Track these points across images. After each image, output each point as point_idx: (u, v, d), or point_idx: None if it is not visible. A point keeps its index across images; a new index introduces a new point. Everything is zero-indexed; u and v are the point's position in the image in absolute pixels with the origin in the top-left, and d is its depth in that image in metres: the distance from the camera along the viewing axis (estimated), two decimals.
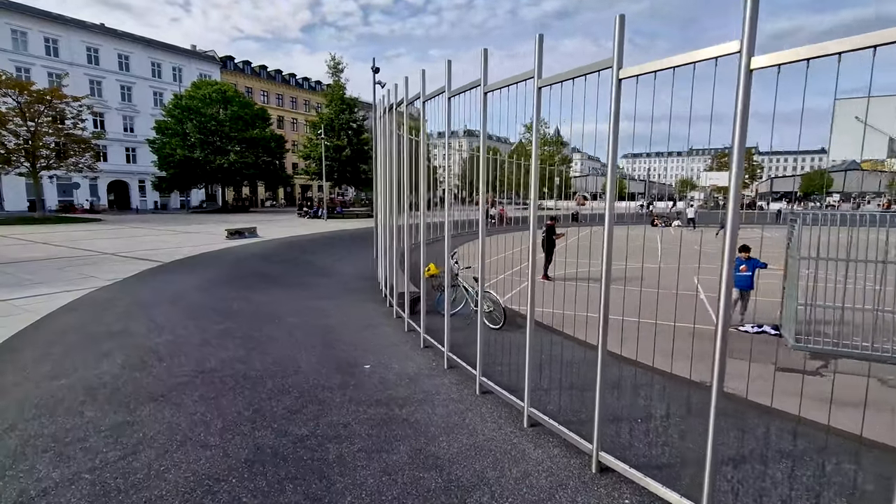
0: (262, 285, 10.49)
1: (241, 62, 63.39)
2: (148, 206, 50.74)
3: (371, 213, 39.81)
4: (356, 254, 16.59)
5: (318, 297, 9.65)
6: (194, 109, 40.85)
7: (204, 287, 9.80)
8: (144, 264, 12.85)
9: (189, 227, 27.26)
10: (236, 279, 11.08)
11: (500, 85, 4.68)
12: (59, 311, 7.77)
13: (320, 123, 38.24)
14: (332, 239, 21.59)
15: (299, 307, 8.69)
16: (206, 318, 7.37)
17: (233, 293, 9.41)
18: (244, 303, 8.61)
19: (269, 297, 9.30)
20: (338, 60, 39.27)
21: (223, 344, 6.11)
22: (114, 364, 5.32)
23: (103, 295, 8.94)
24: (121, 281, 10.41)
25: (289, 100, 68.64)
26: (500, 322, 7.54)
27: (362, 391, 5.00)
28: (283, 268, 13.26)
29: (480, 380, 5.12)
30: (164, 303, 8.24)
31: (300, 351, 6.15)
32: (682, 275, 11.54)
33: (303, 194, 70.30)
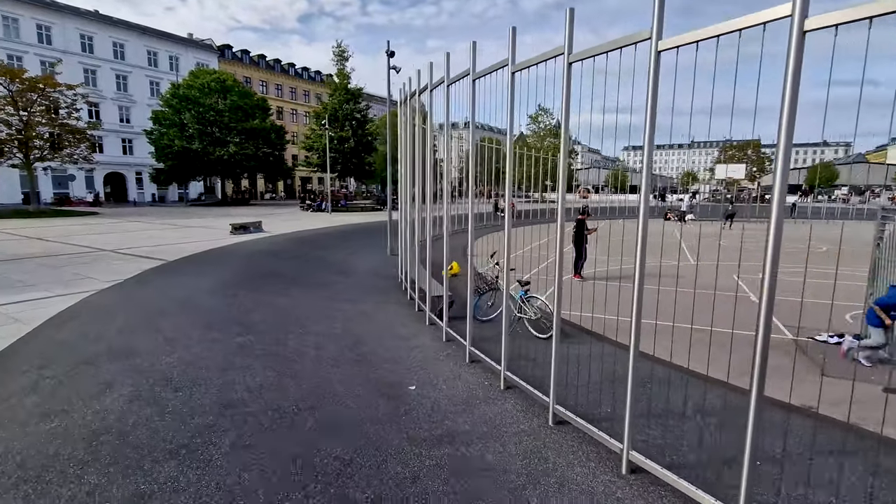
0: (277, 286, 9.66)
1: (239, 51, 61.96)
2: (145, 198, 49.67)
3: (376, 207, 39.12)
4: (369, 249, 15.76)
5: (340, 299, 8.83)
6: (192, 99, 39.68)
7: (215, 289, 8.97)
8: (147, 263, 11.99)
9: (189, 220, 26.35)
10: (249, 279, 10.24)
11: (528, 63, 4.35)
12: (53, 321, 6.93)
13: (324, 113, 37.13)
14: (341, 234, 20.73)
15: (321, 312, 7.87)
16: (222, 328, 6.56)
17: (247, 296, 8.59)
18: (261, 308, 7.78)
19: (287, 300, 8.48)
20: (343, 48, 38.09)
21: (247, 364, 5.30)
22: (119, 397, 4.48)
23: (103, 300, 8.11)
24: (122, 283, 9.57)
25: (288, 90, 67.29)
26: (549, 331, 6.74)
27: (416, 423, 4.22)
28: (297, 265, 12.42)
29: (555, 409, 4.33)
30: (173, 310, 7.42)
31: (334, 370, 5.35)
32: (714, 272, 10.72)
33: (303, 187, 69.22)
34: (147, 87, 49.92)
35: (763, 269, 2.70)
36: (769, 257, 2.70)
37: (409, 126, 10.84)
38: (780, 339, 6.67)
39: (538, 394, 4.65)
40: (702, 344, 4.62)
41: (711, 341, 4.57)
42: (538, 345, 6.44)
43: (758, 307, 2.78)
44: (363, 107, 41.27)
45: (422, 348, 6.38)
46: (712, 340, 4.75)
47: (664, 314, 5.12)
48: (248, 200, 52.27)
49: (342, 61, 38.41)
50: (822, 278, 10.34)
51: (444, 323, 6.76)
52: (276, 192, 65.51)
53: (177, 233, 19.66)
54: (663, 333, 5.23)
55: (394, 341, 6.60)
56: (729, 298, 7.31)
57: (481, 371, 5.60)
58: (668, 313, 5.12)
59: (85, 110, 38.98)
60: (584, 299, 7.34)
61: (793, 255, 12.63)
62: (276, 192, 65.38)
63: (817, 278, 10.17)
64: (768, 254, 2.70)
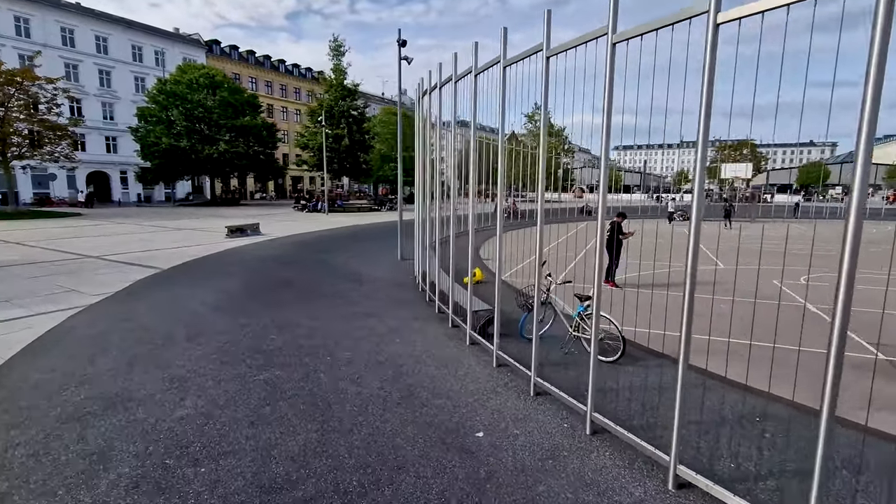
0: (290, 299, 8.63)
1: (227, 47, 60.25)
2: (130, 198, 47.86)
3: (373, 207, 38.04)
4: (377, 253, 14.77)
5: (362, 314, 7.86)
6: (180, 95, 38.14)
7: (221, 305, 7.91)
8: (138, 271, 10.87)
9: (180, 222, 25.03)
10: (256, 291, 9.19)
11: (566, 47, 4.10)
12: (28, 352, 5.78)
13: (319, 111, 35.84)
14: (344, 236, 19.68)
15: (346, 331, 6.90)
16: (240, 360, 5.54)
17: (259, 313, 7.57)
18: (278, 328, 6.76)
19: (305, 318, 7.47)
20: (339, 42, 36.82)
21: (280, 415, 4.27)
22: (117, 483, 3.24)
23: (88, 322, 6.98)
24: (112, 297, 8.47)
25: (278, 87, 65.71)
26: (617, 353, 5.85)
27: (508, 492, 3.29)
28: (306, 273, 11.38)
29: (677, 470, 3.44)
30: (176, 335, 6.36)
31: (384, 415, 4.40)
32: (745, 277, 9.95)
33: (294, 186, 67.69)
34: (132, 82, 48.13)
35: (839, 276, 2.51)
36: (846, 263, 2.50)
37: (427, 123, 10.12)
38: (861, 359, 5.87)
39: (643, 444, 3.76)
40: (768, 361, 3.77)
41: (768, 355, 3.72)
42: (612, 372, 5.53)
43: (832, 319, 2.55)
44: (360, 104, 40.07)
45: (472, 377, 5.46)
46: (772, 354, 3.91)
47: (716, 328, 4.27)
48: (239, 200, 50.73)
49: (338, 56, 37.16)
50: (878, 284, 9.58)
51: (495, 347, 5.83)
52: (266, 191, 63.93)
53: (168, 236, 18.44)
54: (723, 350, 4.38)
55: (437, 368, 5.67)
56: (781, 308, 6.46)
57: (553, 407, 4.70)
58: (721, 328, 4.26)
59: (66, 106, 37.26)
60: (631, 311, 6.48)
61: (832, 259, 11.82)
62: (266, 192, 63.80)
63: (874, 284, 9.44)
64: (845, 260, 2.51)
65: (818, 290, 9.22)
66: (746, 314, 4.25)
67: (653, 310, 6.31)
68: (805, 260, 14.37)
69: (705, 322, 6.19)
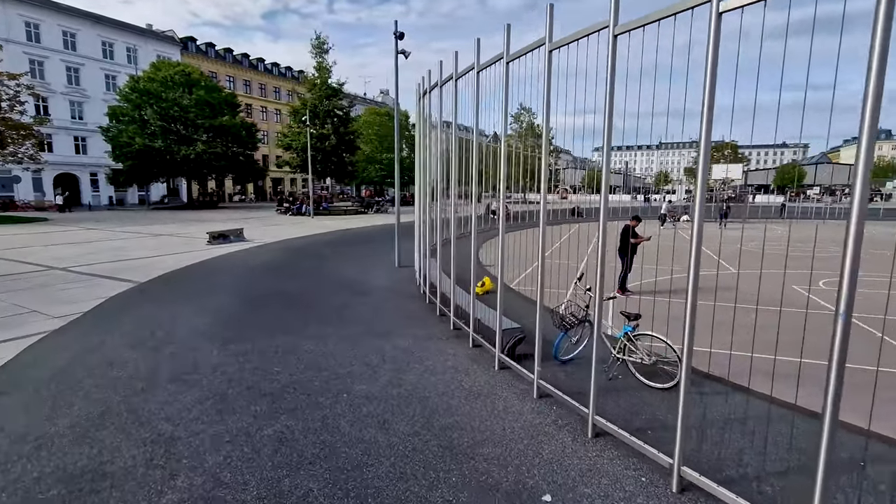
0: (289, 317, 7.69)
1: (203, 44, 58.23)
2: (102, 201, 45.61)
3: (360, 210, 36.96)
4: (373, 260, 13.87)
5: (371, 333, 7.01)
6: (154, 93, 36.37)
7: (212, 330, 6.88)
8: (112, 286, 9.76)
9: (156, 227, 23.59)
10: (251, 309, 8.18)
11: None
12: None
13: (303, 110, 34.53)
14: (335, 242, 18.67)
15: (358, 356, 6.03)
16: (242, 408, 4.53)
17: (258, 337, 6.61)
18: (282, 358, 5.81)
19: (309, 340, 6.57)
20: (322, 39, 35.58)
21: (303, 492, 3.31)
22: None
23: (49, 356, 5.86)
24: (79, 320, 7.39)
25: (257, 86, 63.88)
26: (674, 378, 5.15)
27: None
28: (302, 285, 10.41)
29: None
30: (160, 374, 5.32)
31: (426, 472, 3.59)
32: (760, 281, 9.44)
33: (274, 188, 65.88)
34: (102, 80, 45.92)
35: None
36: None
37: (427, 123, 9.55)
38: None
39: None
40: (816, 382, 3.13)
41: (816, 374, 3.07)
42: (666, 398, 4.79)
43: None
44: (345, 103, 38.88)
45: (513, 413, 4.69)
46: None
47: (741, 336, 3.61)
48: (217, 203, 48.92)
49: (321, 54, 35.91)
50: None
51: (536, 375, 5.06)
52: (245, 194, 62.01)
53: (144, 243, 17.14)
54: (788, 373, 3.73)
55: (470, 402, 4.88)
56: (811, 316, 5.81)
57: (620, 453, 3.97)
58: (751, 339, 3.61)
59: (31, 104, 35.16)
60: (660, 323, 5.78)
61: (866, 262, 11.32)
62: (246, 195, 61.89)
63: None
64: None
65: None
66: (773, 324, 3.65)
67: (670, 319, 5.64)
68: (818, 263, 14.06)
69: (743, 335, 5.54)
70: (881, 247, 12.44)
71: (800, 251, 15.37)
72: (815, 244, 16.04)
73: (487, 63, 5.72)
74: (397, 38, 12.24)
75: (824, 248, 16.13)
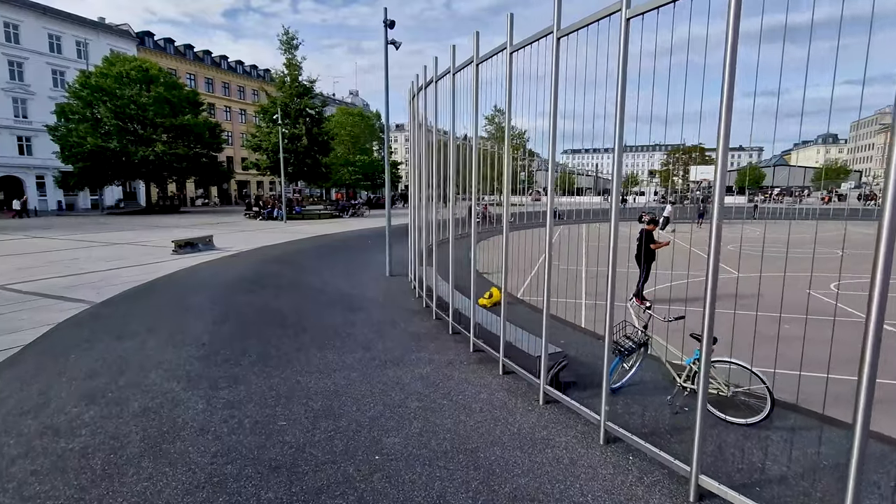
0: (284, 346, 6.49)
1: (162, 40, 55.12)
2: (49, 206, 42.13)
3: (334, 214, 35.41)
4: (362, 268, 12.75)
5: (384, 361, 5.98)
6: (108, 90, 33.71)
7: (193, 372, 5.50)
8: (59, 308, 8.30)
9: (112, 234, 21.54)
10: (236, 337, 6.86)
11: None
12: None
13: (274, 109, 32.68)
14: (316, 249, 17.36)
15: (375, 395, 5.00)
16: (246, 499, 3.27)
17: (251, 378, 5.43)
18: (286, 407, 4.62)
19: (313, 376, 5.45)
20: (292, 35, 33.81)
21: None
22: None
23: None
24: (14, 360, 5.99)
25: (220, 85, 61.05)
26: (760, 413, 4.38)
27: None
28: (289, 301, 9.19)
29: None
30: (128, 446, 3.93)
31: None
32: (775, 287, 8.99)
33: (240, 192, 63.10)
34: (49, 76, 42.53)
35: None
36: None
37: (423, 123, 9.03)
38: None
39: None
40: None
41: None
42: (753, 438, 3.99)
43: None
44: (317, 102, 37.20)
45: (584, 466, 3.80)
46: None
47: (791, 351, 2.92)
48: (179, 208, 46.14)
49: (291, 50, 34.15)
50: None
51: (603, 417, 4.18)
52: (209, 197, 59.03)
53: (98, 253, 15.36)
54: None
55: (529, 454, 3.96)
56: (839, 324, 5.19)
57: None
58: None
59: None
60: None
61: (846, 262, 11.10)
62: (209, 198, 58.91)
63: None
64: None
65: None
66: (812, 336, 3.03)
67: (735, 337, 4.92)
68: (822, 264, 13.89)
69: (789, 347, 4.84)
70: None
71: (792, 253, 15.19)
72: (815, 245, 15.98)
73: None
74: (387, 26, 11.23)
75: (808, 248, 16.09)
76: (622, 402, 4.90)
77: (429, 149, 8.90)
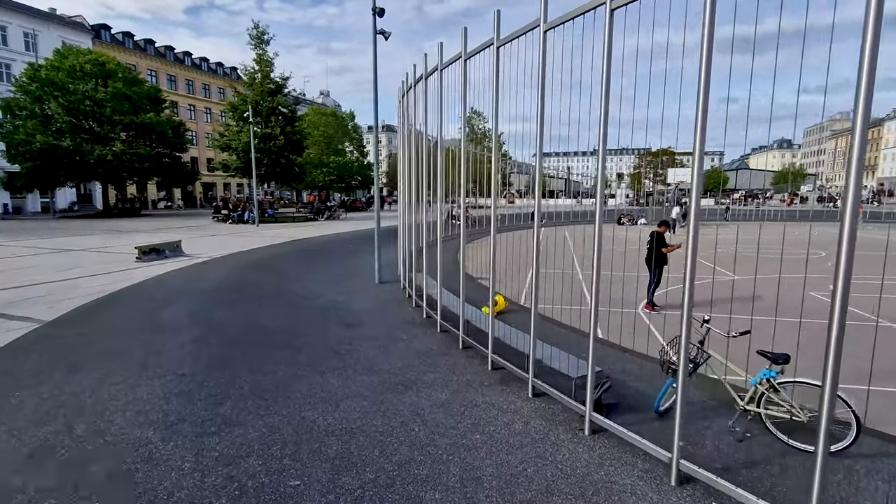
0: (279, 372, 5.56)
1: (120, 34, 52.13)
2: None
3: (309, 216, 34.00)
4: (349, 276, 11.87)
5: (395, 385, 5.22)
6: (60, 84, 31.34)
7: (173, 414, 4.52)
8: (3, 329, 7.13)
9: (66, 239, 19.74)
10: (221, 362, 5.87)
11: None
12: None
13: (244, 107, 31.02)
14: (294, 254, 16.29)
15: (398, 432, 4.24)
16: None
17: (243, 414, 4.53)
18: (299, 457, 3.70)
19: (321, 413, 4.60)
20: (262, 30, 32.24)
21: None
22: None
23: None
24: None
25: (184, 82, 58.32)
26: (844, 440, 3.88)
27: None
28: (275, 316, 8.23)
29: None
30: None
31: None
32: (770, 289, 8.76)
33: (205, 194, 60.41)
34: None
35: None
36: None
37: (410, 122, 8.93)
38: None
39: None
40: None
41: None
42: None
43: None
44: (290, 100, 35.69)
45: None
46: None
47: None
48: (139, 210, 43.55)
49: (261, 45, 32.58)
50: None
51: (675, 454, 3.58)
52: (172, 200, 56.18)
53: (51, 261, 13.86)
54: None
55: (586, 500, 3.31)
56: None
57: None
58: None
59: None
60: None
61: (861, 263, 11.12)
62: (172, 201, 56.07)
63: None
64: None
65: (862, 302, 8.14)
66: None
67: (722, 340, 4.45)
68: (812, 266, 13.89)
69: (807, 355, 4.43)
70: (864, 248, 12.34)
71: (772, 253, 15.22)
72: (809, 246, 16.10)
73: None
74: (377, 14, 10.46)
75: (790, 250, 16.22)
76: (671, 425, 4.32)
77: (419, 149, 8.55)
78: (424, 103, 7.72)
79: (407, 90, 9.06)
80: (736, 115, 3.58)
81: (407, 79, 8.91)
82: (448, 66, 6.51)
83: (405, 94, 9.37)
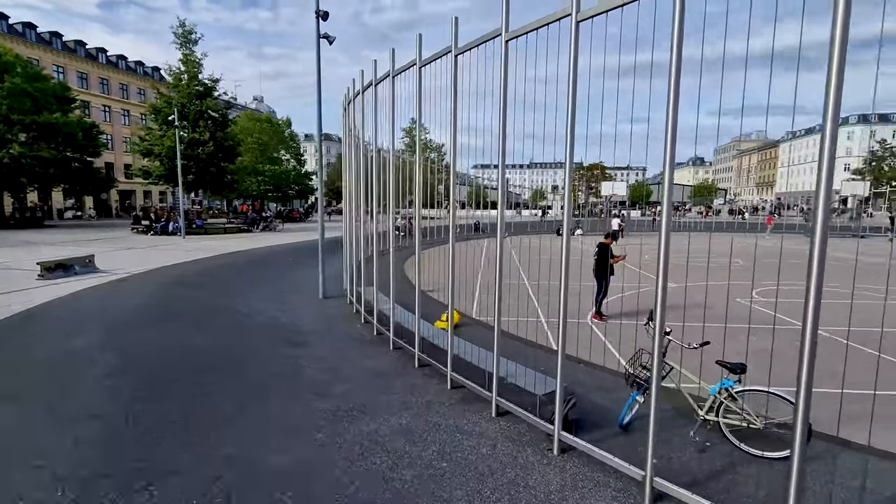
0: (216, 401, 4.99)
1: (19, 24, 46.75)
2: None
3: (242, 227, 32.02)
4: (291, 291, 11.15)
5: (351, 412, 4.81)
6: None
7: (90, 469, 3.75)
8: None
9: None
10: (149, 393, 5.18)
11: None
12: None
13: (168, 109, 28.67)
14: (229, 268, 15.12)
15: (362, 467, 3.86)
16: None
17: (183, 462, 3.94)
18: None
19: (271, 452, 4.12)
20: (189, 28, 30.04)
21: None
22: None
23: None
24: None
25: (97, 81, 53.30)
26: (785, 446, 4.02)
27: None
28: (212, 339, 7.43)
29: None
30: None
31: None
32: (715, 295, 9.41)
33: (122, 203, 55.35)
34: None
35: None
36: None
37: (353, 133, 8.77)
38: None
39: None
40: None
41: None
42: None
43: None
44: (221, 104, 33.57)
45: None
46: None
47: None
48: (42, 221, 38.87)
49: (188, 44, 30.43)
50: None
51: (649, 474, 3.53)
52: (83, 209, 50.83)
53: None
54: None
55: None
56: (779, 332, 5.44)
57: None
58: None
59: None
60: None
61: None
62: (83, 210, 50.72)
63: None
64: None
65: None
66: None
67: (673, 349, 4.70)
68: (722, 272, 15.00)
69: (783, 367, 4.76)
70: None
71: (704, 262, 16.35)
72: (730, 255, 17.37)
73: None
74: (320, 18, 10.05)
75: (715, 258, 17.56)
76: (638, 440, 4.32)
77: (368, 159, 8.29)
78: (374, 111, 7.42)
79: (353, 97, 8.73)
80: (655, 135, 3.61)
81: (353, 85, 8.57)
82: (401, 73, 6.28)
83: (351, 101, 9.04)
